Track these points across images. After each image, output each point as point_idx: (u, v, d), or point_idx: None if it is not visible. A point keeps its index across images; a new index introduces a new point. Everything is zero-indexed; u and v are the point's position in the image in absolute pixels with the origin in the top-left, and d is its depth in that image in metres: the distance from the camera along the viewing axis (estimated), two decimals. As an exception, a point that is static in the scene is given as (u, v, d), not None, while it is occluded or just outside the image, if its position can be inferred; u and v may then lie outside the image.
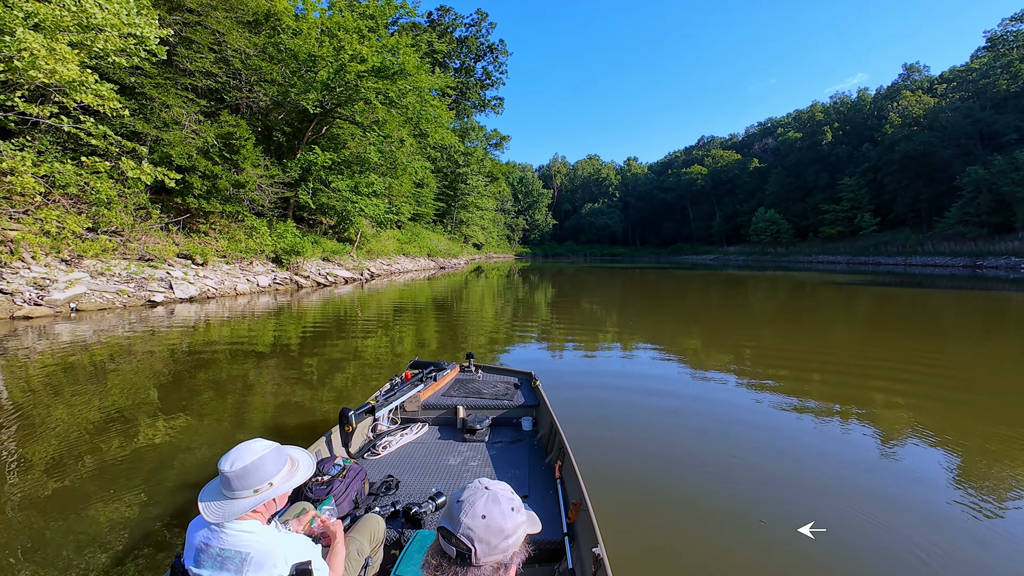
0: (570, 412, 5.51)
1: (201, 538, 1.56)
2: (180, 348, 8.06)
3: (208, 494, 1.59)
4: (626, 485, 3.73)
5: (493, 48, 56.93)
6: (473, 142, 58.01)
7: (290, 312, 12.60)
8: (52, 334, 8.76)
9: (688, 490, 3.65)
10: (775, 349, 9.25)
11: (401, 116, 22.82)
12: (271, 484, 1.59)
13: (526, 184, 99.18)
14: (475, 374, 5.03)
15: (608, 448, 4.46)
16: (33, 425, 4.68)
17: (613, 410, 5.65)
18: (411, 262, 33.65)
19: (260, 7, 19.03)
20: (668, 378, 7.08)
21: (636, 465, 4.10)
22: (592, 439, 4.65)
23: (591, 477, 3.86)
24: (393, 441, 3.53)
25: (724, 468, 4.01)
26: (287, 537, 1.62)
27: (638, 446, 4.53)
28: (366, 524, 2.20)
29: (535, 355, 8.70)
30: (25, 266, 10.66)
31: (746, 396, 6.14)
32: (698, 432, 4.87)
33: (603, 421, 5.21)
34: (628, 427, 5.05)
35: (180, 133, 15.30)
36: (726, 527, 3.15)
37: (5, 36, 8.21)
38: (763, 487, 3.69)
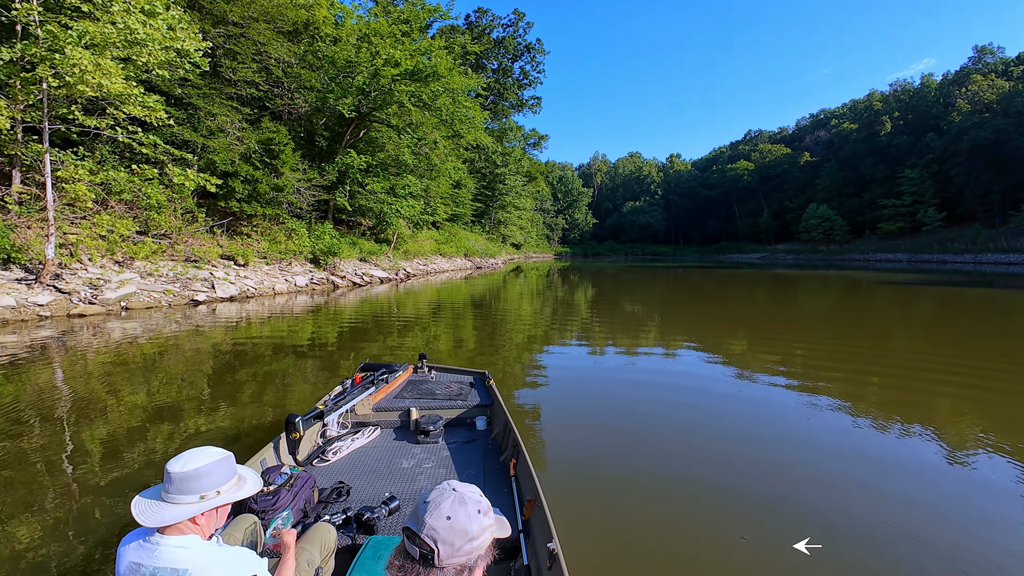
0: (587, 412, 5.48)
1: (132, 559, 1.44)
2: (221, 345, 8.44)
3: (146, 497, 1.49)
4: (623, 484, 3.63)
5: (530, 48, 56.82)
6: (511, 142, 58.10)
7: (326, 311, 13.00)
8: (104, 331, 9.37)
9: (675, 489, 3.55)
10: (826, 352, 8.73)
11: (435, 118, 23.13)
12: (219, 492, 1.52)
13: (565, 183, 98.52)
14: (428, 375, 4.96)
15: (615, 447, 4.38)
16: (88, 415, 5.00)
17: (632, 410, 5.56)
18: (447, 262, 34.05)
19: (299, 17, 19.73)
20: (702, 378, 6.87)
21: (626, 464, 3.98)
22: (607, 439, 4.59)
23: (601, 476, 3.85)
24: (343, 446, 3.47)
25: (717, 468, 3.84)
26: (228, 552, 1.52)
27: (647, 445, 4.42)
28: (315, 533, 2.14)
29: (570, 356, 8.61)
30: (83, 267, 11.48)
31: (787, 401, 5.85)
32: (711, 433, 4.67)
33: (620, 421, 5.12)
34: (645, 427, 4.95)
35: (225, 140, 16.10)
36: (703, 530, 3.02)
37: (56, 54, 8.87)
38: (762, 496, 3.47)
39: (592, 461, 4.17)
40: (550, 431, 4.94)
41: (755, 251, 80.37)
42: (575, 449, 4.46)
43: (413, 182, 25.44)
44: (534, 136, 68.54)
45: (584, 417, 5.37)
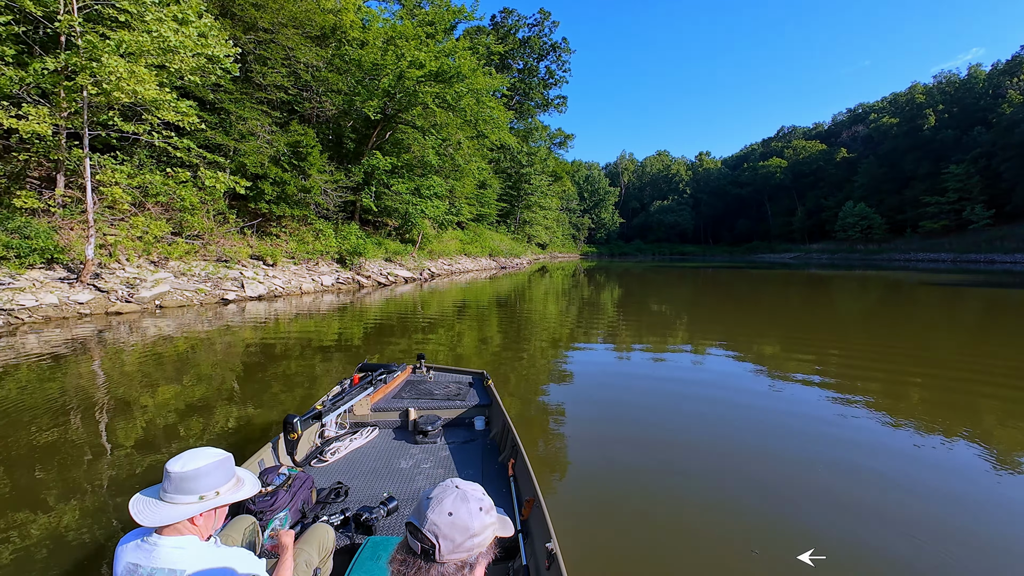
0: (611, 413, 5.39)
1: (129, 559, 1.43)
2: (250, 343, 8.66)
3: (145, 496, 1.49)
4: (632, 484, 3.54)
5: (556, 47, 56.59)
6: (537, 142, 57.97)
7: (352, 310, 13.21)
8: (140, 328, 9.73)
9: (677, 492, 3.42)
10: (863, 355, 8.32)
11: (459, 118, 23.25)
12: (217, 493, 1.52)
13: (592, 182, 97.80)
14: (426, 375, 4.94)
15: (620, 449, 4.29)
16: (116, 410, 5.19)
17: (643, 411, 5.43)
18: (472, 262, 34.18)
19: (327, 21, 20.11)
20: (722, 379, 6.69)
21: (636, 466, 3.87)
22: (612, 441, 4.50)
23: (613, 477, 3.78)
24: (342, 447, 3.46)
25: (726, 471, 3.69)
26: (226, 553, 1.52)
27: (654, 447, 4.30)
28: (314, 534, 2.13)
29: (590, 356, 8.51)
30: (120, 267, 11.96)
31: (816, 403, 5.63)
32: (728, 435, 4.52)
33: (630, 422, 5.01)
34: (655, 428, 4.85)
35: (255, 143, 16.54)
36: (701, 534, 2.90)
37: (93, 63, 9.26)
38: (780, 505, 3.33)
39: (593, 462, 4.13)
40: (550, 431, 4.88)
41: (788, 251, 78.06)
42: (575, 449, 4.42)
43: (438, 182, 25.65)
44: (560, 135, 68.26)
45: (590, 418, 5.30)
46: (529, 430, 4.89)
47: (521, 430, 4.77)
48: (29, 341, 8.17)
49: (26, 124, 9.41)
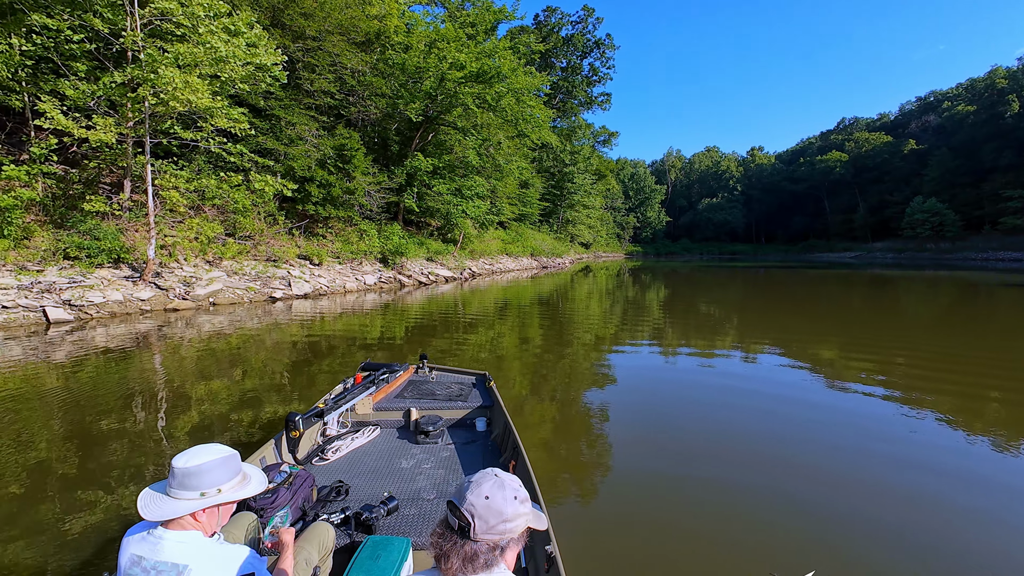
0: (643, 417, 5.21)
1: (134, 551, 1.45)
2: (297, 339, 9.02)
3: (153, 490, 1.53)
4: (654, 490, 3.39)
5: (600, 43, 55.82)
6: (580, 140, 57.38)
7: (393, 309, 13.53)
8: (195, 324, 10.30)
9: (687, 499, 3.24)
10: (933, 362, 7.72)
11: (499, 118, 23.31)
12: (220, 490, 1.53)
13: (637, 180, 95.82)
14: (429, 375, 4.93)
15: (629, 452, 4.16)
16: (187, 399, 5.52)
17: (664, 413, 5.25)
18: (513, 262, 34.22)
19: (371, 27, 20.64)
20: (778, 386, 6.34)
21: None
22: (623, 443, 4.37)
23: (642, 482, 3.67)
24: (343, 446, 3.46)
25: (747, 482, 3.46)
26: (229, 549, 1.53)
27: (666, 450, 4.12)
28: (314, 532, 2.13)
29: (636, 359, 8.32)
30: (179, 266, 12.71)
31: (872, 416, 5.23)
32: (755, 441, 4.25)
33: (647, 425, 4.83)
34: (673, 431, 4.64)
35: (303, 147, 17.20)
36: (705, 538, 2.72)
37: (152, 74, 9.88)
38: (815, 523, 3.09)
39: (610, 466, 4.04)
40: (553, 433, 4.79)
41: (848, 249, 73.51)
42: (578, 451, 4.32)
43: (480, 182, 25.83)
44: (604, 133, 67.30)
45: (617, 420, 5.14)
46: (542, 431, 4.81)
47: (532, 431, 4.73)
48: (97, 335, 8.79)
49: (95, 134, 10.15)
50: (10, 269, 9.82)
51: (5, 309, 8.95)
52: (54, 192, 11.84)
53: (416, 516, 2.62)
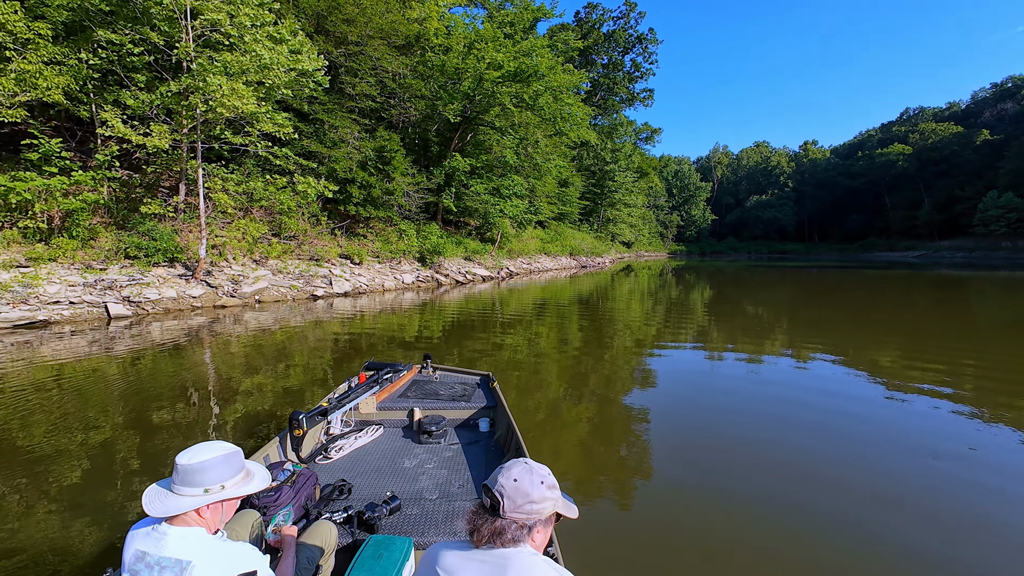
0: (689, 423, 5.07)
1: (139, 547, 1.47)
2: (340, 335, 9.33)
3: (159, 487, 1.55)
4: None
5: (642, 38, 54.69)
6: (621, 138, 56.42)
7: (431, 307, 13.75)
8: (243, 320, 10.78)
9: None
10: (1008, 371, 7.11)
11: (537, 117, 23.21)
12: (223, 487, 1.54)
13: (681, 178, 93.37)
14: (432, 375, 4.92)
15: (638, 455, 4.01)
16: (232, 392, 5.81)
17: (687, 415, 5.07)
18: (552, 261, 34.03)
19: (411, 30, 20.99)
20: (826, 396, 5.95)
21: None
22: (635, 446, 4.24)
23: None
24: (346, 445, 3.46)
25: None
26: (232, 546, 1.54)
27: (677, 455, 3.97)
28: (317, 531, 2.14)
29: (676, 361, 8.11)
30: (228, 265, 13.33)
31: (935, 431, 4.89)
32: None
33: (666, 428, 4.70)
34: (694, 434, 4.49)
35: (345, 149, 17.71)
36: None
37: (199, 82, 10.40)
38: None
39: (602, 467, 3.97)
40: (556, 433, 4.72)
41: (911, 248, 68.87)
42: (581, 453, 4.24)
43: (518, 181, 25.83)
44: (646, 130, 65.88)
45: (634, 424, 4.98)
46: (572, 433, 4.71)
47: (556, 434, 4.66)
48: (153, 330, 9.33)
49: (151, 140, 10.81)
50: (77, 267, 10.57)
51: (72, 305, 9.64)
52: (118, 195, 12.68)
53: (419, 516, 2.61)
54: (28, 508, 3.20)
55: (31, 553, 2.72)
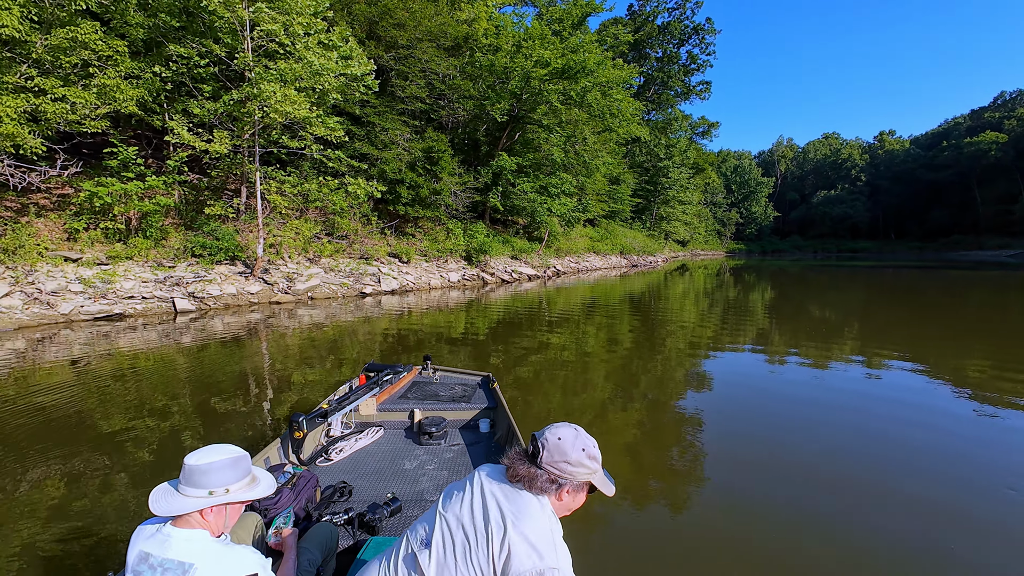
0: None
1: (143, 547, 1.49)
2: (389, 331, 9.64)
3: (166, 486, 1.58)
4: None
5: (699, 29, 52.64)
6: (676, 133, 54.63)
7: (477, 306, 13.90)
8: (296, 316, 11.30)
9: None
10: None
11: (585, 114, 22.87)
12: (228, 490, 1.56)
13: (741, 173, 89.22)
14: (432, 376, 4.88)
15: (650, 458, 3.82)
16: (290, 384, 6.11)
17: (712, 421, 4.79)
18: (601, 260, 33.48)
19: (460, 32, 21.24)
20: (899, 405, 5.50)
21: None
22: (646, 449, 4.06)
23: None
24: (347, 446, 3.46)
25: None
26: (235, 550, 1.55)
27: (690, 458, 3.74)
28: (317, 533, 2.15)
29: (738, 364, 7.78)
30: (283, 263, 14.02)
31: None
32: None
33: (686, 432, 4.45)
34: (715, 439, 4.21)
35: (395, 151, 18.19)
36: None
37: (254, 88, 10.98)
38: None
39: (651, 471, 3.84)
40: (604, 436, 4.54)
41: (1004, 247, 62.32)
42: (628, 455, 4.11)
43: (567, 179, 25.58)
44: (703, 124, 63.44)
45: (680, 428, 4.75)
46: (604, 435, 4.52)
47: (592, 434, 4.48)
48: (215, 323, 9.96)
49: (212, 146, 11.52)
50: (149, 265, 11.45)
51: (144, 300, 10.45)
52: (187, 198, 13.64)
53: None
54: (104, 482, 3.46)
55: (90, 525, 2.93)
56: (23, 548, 2.76)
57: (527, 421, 4.90)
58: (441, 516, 1.52)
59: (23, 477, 3.59)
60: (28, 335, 8.28)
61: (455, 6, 21.14)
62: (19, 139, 9.06)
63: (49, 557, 2.69)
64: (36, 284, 9.53)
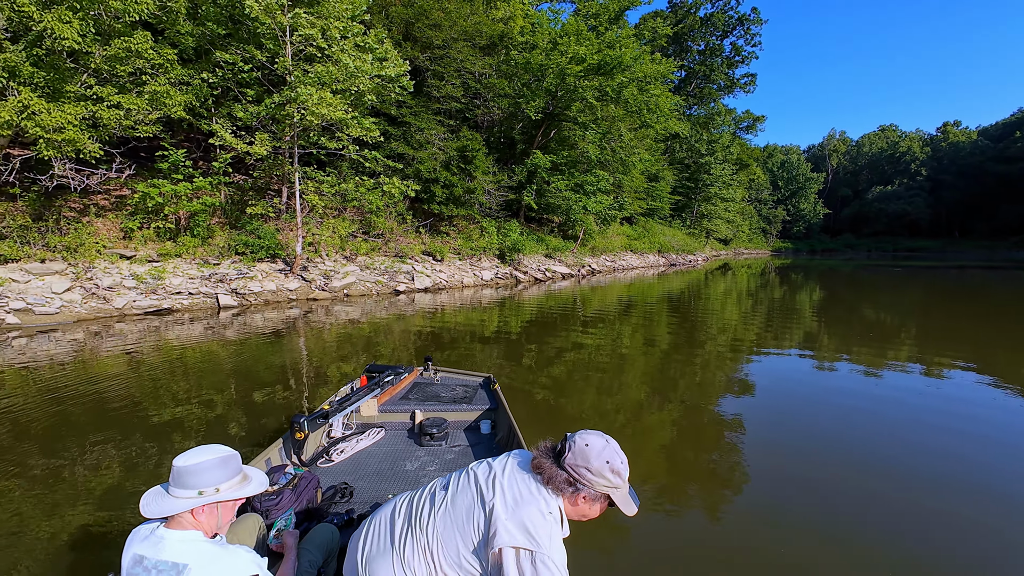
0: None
1: (137, 550, 1.49)
2: (422, 328, 9.84)
3: (157, 488, 1.60)
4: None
5: (744, 19, 50.76)
6: (719, 128, 52.87)
7: (510, 304, 13.93)
8: (333, 312, 11.62)
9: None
10: None
11: (621, 110, 22.45)
12: (217, 490, 1.57)
13: (788, 169, 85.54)
14: (433, 377, 4.85)
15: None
16: (325, 379, 6.32)
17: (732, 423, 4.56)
18: (638, 258, 32.86)
19: (495, 30, 21.27)
20: (959, 419, 5.18)
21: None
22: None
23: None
24: (347, 448, 3.47)
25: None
26: (230, 550, 1.54)
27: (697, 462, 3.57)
28: (318, 534, 2.15)
29: (779, 364, 7.56)
30: (321, 261, 14.44)
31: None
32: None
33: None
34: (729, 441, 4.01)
35: (431, 150, 18.41)
36: None
37: (288, 91, 11.33)
38: None
39: (688, 477, 3.69)
40: (638, 437, 4.43)
41: (1087, 245, 57.21)
42: (664, 459, 3.98)
43: (603, 176, 25.22)
44: (747, 118, 61.07)
45: (712, 434, 4.58)
46: (637, 437, 4.40)
47: (626, 437, 4.37)
48: (256, 319, 10.36)
49: (253, 148, 11.98)
50: (196, 262, 12.02)
51: (191, 295, 10.98)
52: (232, 198, 14.24)
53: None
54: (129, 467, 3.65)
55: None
56: (64, 525, 2.93)
57: (561, 421, 4.86)
58: (468, 473, 1.61)
59: (79, 459, 3.82)
60: (86, 327, 8.85)
61: (491, 5, 21.19)
62: (79, 144, 9.66)
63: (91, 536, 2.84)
64: (94, 280, 10.17)
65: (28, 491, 3.36)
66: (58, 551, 2.71)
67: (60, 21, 8.90)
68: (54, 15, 8.92)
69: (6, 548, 2.72)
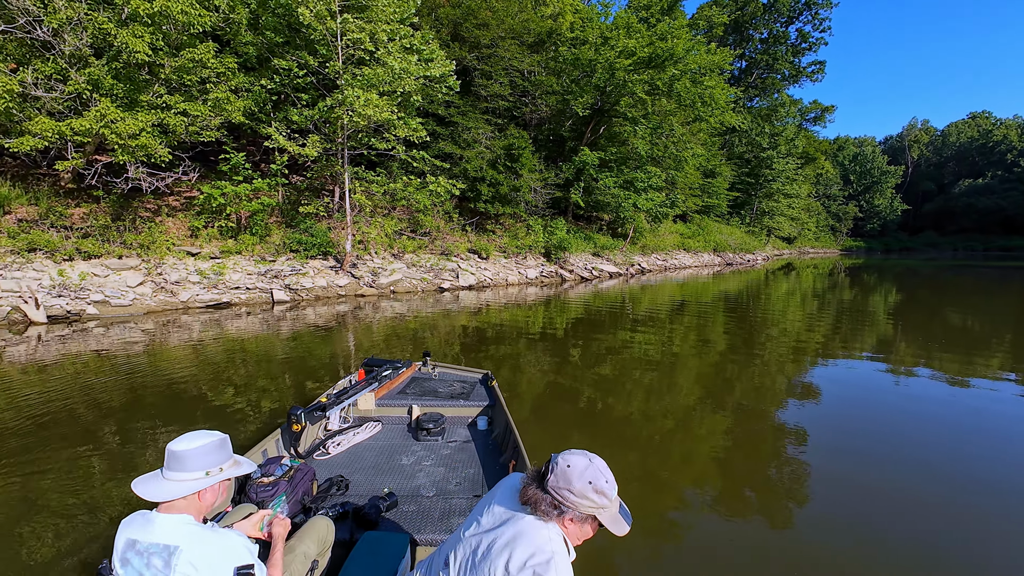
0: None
1: (129, 534, 1.52)
2: (468, 325, 9.99)
3: (150, 474, 1.62)
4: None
5: (811, 3, 47.66)
6: (782, 120, 49.95)
7: (555, 302, 13.85)
8: (380, 308, 11.96)
9: None
10: None
11: (673, 103, 21.67)
12: (207, 473, 1.60)
13: (862, 162, 79.66)
14: (432, 373, 4.79)
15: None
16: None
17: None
18: (691, 257, 31.69)
19: (543, 27, 21.11)
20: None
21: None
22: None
23: None
24: (344, 441, 3.45)
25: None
26: (220, 533, 1.57)
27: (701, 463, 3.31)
28: (313, 527, 2.16)
29: (844, 373, 7.09)
30: (370, 258, 14.87)
31: None
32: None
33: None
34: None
35: (478, 149, 18.54)
36: None
37: (338, 95, 11.71)
38: None
39: (745, 483, 3.60)
40: (688, 443, 4.28)
41: None
42: (716, 466, 3.83)
43: (655, 173, 24.48)
44: (815, 109, 57.35)
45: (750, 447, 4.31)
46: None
47: (675, 442, 4.30)
48: (307, 313, 10.82)
49: (304, 150, 12.50)
50: (254, 259, 12.70)
51: (248, 291, 11.62)
52: (289, 198, 14.95)
53: (415, 513, 2.57)
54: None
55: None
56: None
57: (603, 425, 4.73)
58: (462, 540, 1.54)
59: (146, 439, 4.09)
60: (155, 319, 9.54)
61: (539, 2, 21.05)
62: (151, 149, 10.43)
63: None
64: (163, 275, 10.96)
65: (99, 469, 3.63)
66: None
67: (133, 36, 9.62)
68: (129, 31, 9.67)
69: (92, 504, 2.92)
